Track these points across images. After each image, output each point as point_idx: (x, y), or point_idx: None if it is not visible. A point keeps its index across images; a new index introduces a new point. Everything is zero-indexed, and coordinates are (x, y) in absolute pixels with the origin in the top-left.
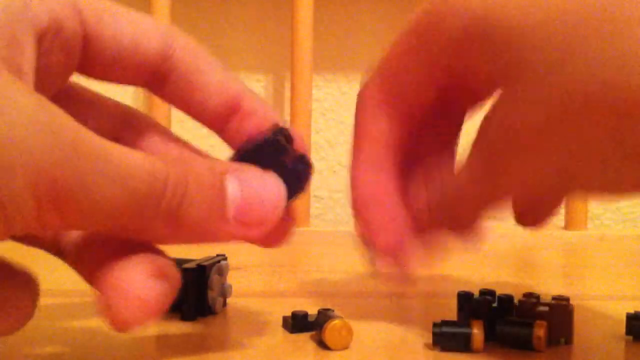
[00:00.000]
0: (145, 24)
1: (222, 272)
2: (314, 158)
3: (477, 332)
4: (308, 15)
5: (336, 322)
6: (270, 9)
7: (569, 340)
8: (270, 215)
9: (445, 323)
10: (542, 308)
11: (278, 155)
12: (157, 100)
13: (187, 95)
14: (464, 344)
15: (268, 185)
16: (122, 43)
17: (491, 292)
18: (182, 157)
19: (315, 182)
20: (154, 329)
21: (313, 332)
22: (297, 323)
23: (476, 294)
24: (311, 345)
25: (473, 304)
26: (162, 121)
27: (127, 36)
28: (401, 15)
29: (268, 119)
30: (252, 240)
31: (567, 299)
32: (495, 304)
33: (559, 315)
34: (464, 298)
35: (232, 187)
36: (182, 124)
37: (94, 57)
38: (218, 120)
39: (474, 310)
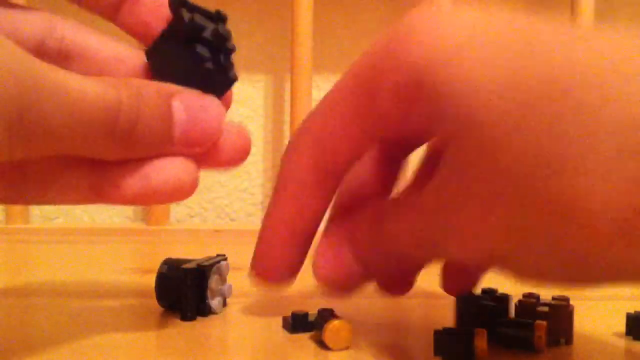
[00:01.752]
0: None
1: (222, 273)
2: None
3: (480, 341)
4: (308, 15)
5: (336, 322)
6: (270, 9)
7: (569, 340)
8: (211, 136)
9: (446, 331)
10: (542, 308)
11: (196, 35)
12: None
13: None
14: (466, 354)
15: (208, 108)
16: None
17: (491, 292)
18: (130, 81)
19: None
20: (154, 329)
21: (313, 332)
22: (297, 323)
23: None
24: (311, 345)
25: (473, 304)
26: None
27: None
28: (401, 15)
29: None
30: (201, 163)
31: (567, 299)
32: (495, 304)
33: (559, 315)
34: (464, 298)
35: (178, 110)
36: None
37: None
38: (108, 8)
39: (473, 310)
